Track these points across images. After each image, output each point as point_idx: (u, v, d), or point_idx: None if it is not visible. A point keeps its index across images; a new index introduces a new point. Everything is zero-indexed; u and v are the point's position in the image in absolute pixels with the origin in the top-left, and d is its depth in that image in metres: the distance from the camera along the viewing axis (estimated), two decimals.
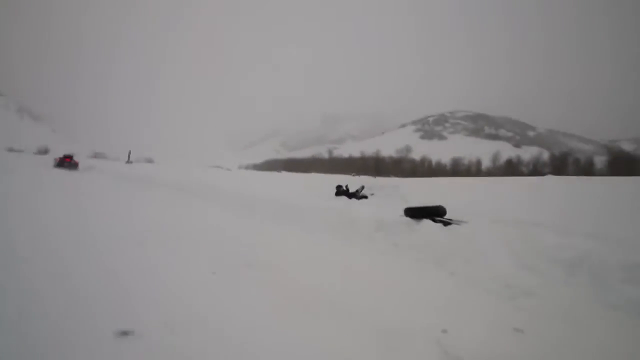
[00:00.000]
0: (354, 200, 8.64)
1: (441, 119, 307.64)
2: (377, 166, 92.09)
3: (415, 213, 5.40)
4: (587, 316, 2.81)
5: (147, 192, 10.79)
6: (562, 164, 58.84)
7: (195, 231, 5.27)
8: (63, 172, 18.66)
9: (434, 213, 5.30)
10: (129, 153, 59.17)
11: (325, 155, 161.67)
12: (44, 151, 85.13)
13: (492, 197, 7.52)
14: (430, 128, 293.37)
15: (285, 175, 24.01)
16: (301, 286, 3.03)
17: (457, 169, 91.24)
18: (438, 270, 4.04)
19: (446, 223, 4.92)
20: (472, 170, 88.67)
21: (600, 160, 56.17)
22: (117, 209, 7.04)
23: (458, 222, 4.92)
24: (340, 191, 9.12)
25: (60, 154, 27.81)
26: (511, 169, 71.37)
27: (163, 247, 4.05)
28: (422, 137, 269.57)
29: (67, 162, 23.51)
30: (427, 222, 4.99)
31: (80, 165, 23.99)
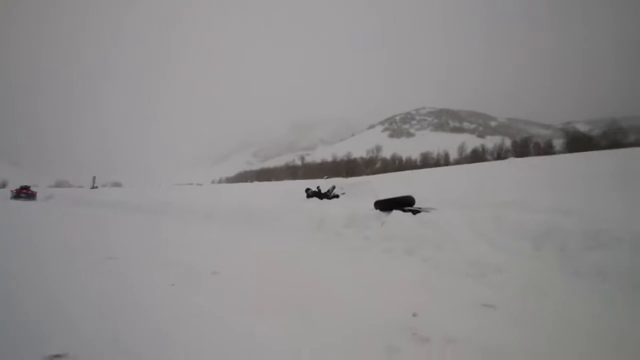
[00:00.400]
0: (325, 200, 8.57)
1: (407, 117, 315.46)
2: (349, 168, 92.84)
3: (385, 205, 5.39)
4: (553, 286, 2.84)
5: (111, 214, 10.25)
6: (524, 149, 61.77)
7: (156, 246, 4.99)
8: (19, 203, 18.78)
9: (404, 203, 5.31)
10: (94, 178, 56.96)
11: (298, 162, 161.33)
12: (1, 185, 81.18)
13: (458, 184, 7.67)
14: (398, 127, 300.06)
15: (256, 185, 23.64)
16: (268, 291, 2.88)
17: (427, 163, 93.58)
18: (409, 258, 4.00)
19: (415, 212, 4.93)
20: (441, 162, 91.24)
21: (558, 143, 59.44)
22: (64, 232, 6.59)
23: (427, 210, 4.94)
24: (311, 193, 9.03)
25: (19, 185, 28.08)
26: (477, 157, 74.08)
27: (113, 263, 3.78)
28: (391, 136, 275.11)
29: (24, 193, 24.17)
30: (396, 213, 4.97)
31: (39, 195, 24.45)
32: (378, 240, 4.61)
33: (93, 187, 47.68)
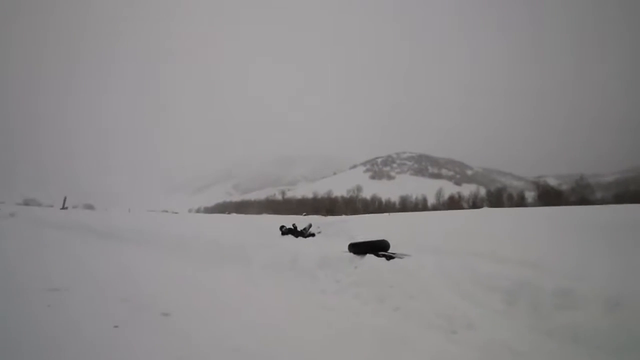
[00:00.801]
0: (300, 238, 8.35)
1: (389, 160, 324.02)
2: (330, 206, 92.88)
3: (359, 248, 5.26)
4: (524, 346, 2.73)
5: (71, 238, 9.60)
6: (498, 199, 64.05)
7: (110, 278, 4.60)
8: None
9: (378, 247, 5.19)
10: (64, 199, 53.96)
11: (279, 197, 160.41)
12: None
13: (434, 230, 7.67)
14: (379, 169, 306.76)
15: (233, 217, 23.06)
16: (221, 338, 2.63)
17: (406, 206, 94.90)
18: (380, 306, 3.84)
19: (389, 257, 4.81)
20: (419, 207, 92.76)
21: (530, 195, 62.13)
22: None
23: (401, 256, 4.83)
24: (285, 230, 8.81)
25: None
26: (453, 204, 75.87)
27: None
28: (372, 177, 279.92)
29: None
30: (370, 257, 4.84)
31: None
32: (350, 285, 4.44)
33: (63, 208, 45.39)
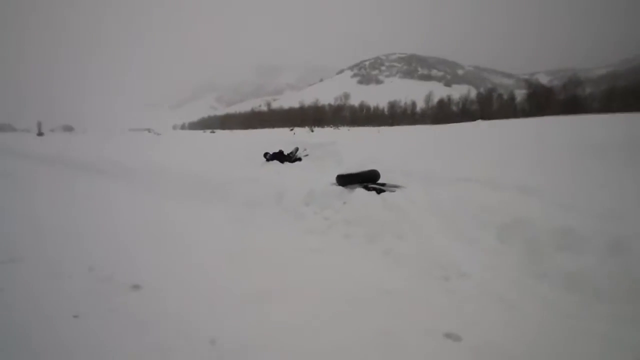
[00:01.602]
0: (286, 164, 8.03)
1: (377, 63, 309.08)
2: (316, 116, 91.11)
3: (348, 180, 4.96)
4: (520, 295, 2.63)
5: (41, 174, 9.12)
6: (488, 101, 63.12)
7: (76, 237, 4.32)
8: None
9: (367, 179, 4.90)
10: (39, 124, 51.38)
11: (265, 108, 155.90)
12: None
13: (424, 151, 7.36)
14: (367, 72, 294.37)
15: (217, 137, 22.30)
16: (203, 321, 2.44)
17: (394, 113, 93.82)
18: (370, 247, 3.70)
19: (379, 190, 4.55)
20: (407, 112, 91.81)
21: (520, 94, 61.16)
22: None
23: (392, 189, 4.57)
24: (270, 157, 8.43)
25: None
26: (443, 108, 75.10)
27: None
28: (360, 82, 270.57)
29: None
30: (359, 191, 4.57)
31: None
32: (339, 223, 4.25)
33: (39, 134, 43.57)
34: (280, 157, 8.42)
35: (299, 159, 8.36)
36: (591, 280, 2.63)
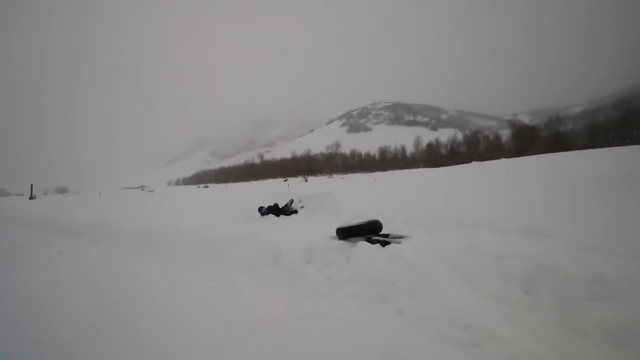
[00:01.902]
0: (282, 217, 7.72)
1: (364, 112, 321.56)
2: (309, 165, 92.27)
3: (349, 233, 4.67)
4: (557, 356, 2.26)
5: (21, 240, 8.63)
6: (475, 142, 64.91)
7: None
8: None
9: (370, 230, 4.62)
10: (31, 187, 51.07)
11: (257, 161, 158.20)
12: None
13: (423, 195, 7.17)
14: (355, 121, 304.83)
15: (210, 192, 22.06)
16: None
17: (385, 158, 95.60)
18: (382, 308, 3.31)
19: (384, 243, 4.25)
20: (398, 157, 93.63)
21: (505, 134, 63.14)
22: None
23: (397, 240, 4.27)
24: (266, 211, 8.14)
25: None
26: (432, 151, 76.83)
27: None
28: (349, 131, 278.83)
29: None
30: (362, 245, 4.26)
31: None
32: (343, 282, 3.88)
33: (31, 197, 43.02)
34: (275, 210, 8.14)
35: (295, 212, 8.07)
36: (638, 332, 2.30)
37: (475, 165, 11.96)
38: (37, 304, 3.79)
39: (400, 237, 4.40)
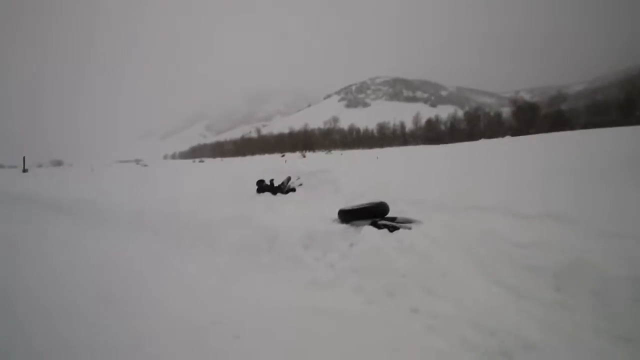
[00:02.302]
0: (279, 196, 7.28)
1: (363, 87, 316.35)
2: (307, 141, 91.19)
3: (352, 216, 4.24)
4: None
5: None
6: (475, 119, 63.86)
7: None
8: None
9: (375, 213, 4.18)
10: (24, 159, 50.32)
11: (254, 135, 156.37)
12: None
13: (430, 174, 6.73)
14: (354, 96, 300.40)
15: (205, 167, 21.48)
16: None
17: (384, 134, 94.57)
18: (392, 304, 2.92)
19: (392, 228, 3.81)
20: (397, 133, 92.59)
21: (505, 111, 62.07)
22: None
23: (407, 225, 3.84)
24: (263, 187, 7.69)
25: None
26: (432, 128, 75.84)
27: None
28: (347, 106, 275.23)
29: None
30: (368, 230, 3.83)
31: None
32: (347, 271, 3.47)
33: (24, 170, 42.42)
34: (271, 188, 7.69)
35: (293, 190, 7.63)
36: None
37: (483, 142, 11.43)
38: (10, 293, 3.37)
39: (410, 222, 3.98)
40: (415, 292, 2.95)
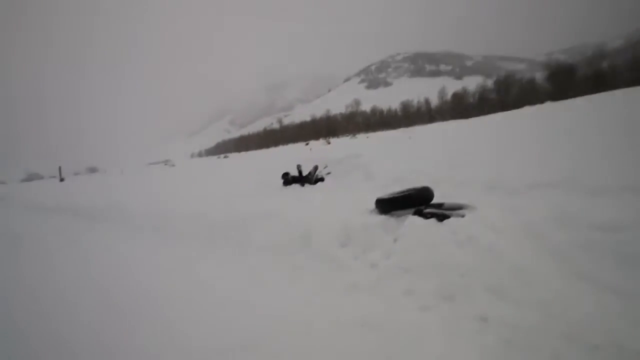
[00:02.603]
0: (307, 187, 6.87)
1: (383, 65, 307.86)
2: (330, 126, 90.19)
3: (392, 206, 3.74)
4: None
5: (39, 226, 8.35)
6: (507, 87, 59.81)
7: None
8: None
9: (419, 200, 3.66)
10: (59, 169, 53.49)
11: (277, 126, 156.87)
12: None
13: (468, 152, 6.06)
14: (374, 76, 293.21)
15: (230, 162, 21.48)
16: None
17: (408, 113, 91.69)
18: (453, 312, 2.43)
19: (441, 216, 3.28)
20: (422, 111, 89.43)
21: (539, 76, 57.76)
22: None
23: (458, 213, 3.28)
24: (289, 179, 7.30)
25: None
26: (459, 102, 72.35)
27: None
28: (368, 87, 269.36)
29: None
30: (413, 220, 3.32)
31: None
32: (392, 272, 3.00)
33: (61, 180, 44.94)
34: (299, 179, 7.29)
35: (321, 179, 7.19)
36: None
37: (526, 110, 10.37)
38: (33, 302, 3.19)
39: (461, 208, 3.41)
40: (481, 294, 2.45)
